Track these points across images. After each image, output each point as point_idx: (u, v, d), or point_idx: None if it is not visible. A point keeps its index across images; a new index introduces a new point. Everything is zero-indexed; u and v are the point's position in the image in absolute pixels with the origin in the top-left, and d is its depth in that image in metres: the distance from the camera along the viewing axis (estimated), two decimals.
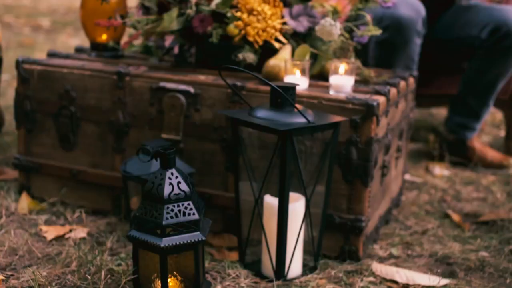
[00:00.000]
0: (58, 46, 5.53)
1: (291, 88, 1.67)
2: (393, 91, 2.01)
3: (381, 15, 2.45)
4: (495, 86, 2.76)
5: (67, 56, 2.32)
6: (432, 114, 3.84)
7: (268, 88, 1.88)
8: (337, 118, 1.73)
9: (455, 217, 2.32)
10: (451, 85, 2.98)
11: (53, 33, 6.36)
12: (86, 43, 2.67)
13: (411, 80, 2.29)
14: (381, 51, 2.53)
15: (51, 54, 2.35)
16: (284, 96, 1.65)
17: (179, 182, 1.55)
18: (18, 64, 2.22)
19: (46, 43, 5.65)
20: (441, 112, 3.82)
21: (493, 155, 2.88)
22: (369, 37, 2.17)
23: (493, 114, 3.78)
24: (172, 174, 1.55)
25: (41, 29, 6.54)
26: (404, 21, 2.46)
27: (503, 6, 2.72)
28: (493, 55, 2.67)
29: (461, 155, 2.91)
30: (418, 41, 2.55)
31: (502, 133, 3.42)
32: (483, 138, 3.35)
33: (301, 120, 1.66)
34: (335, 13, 2.19)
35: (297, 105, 1.68)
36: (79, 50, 2.45)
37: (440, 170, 2.83)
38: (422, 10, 2.53)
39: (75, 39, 5.95)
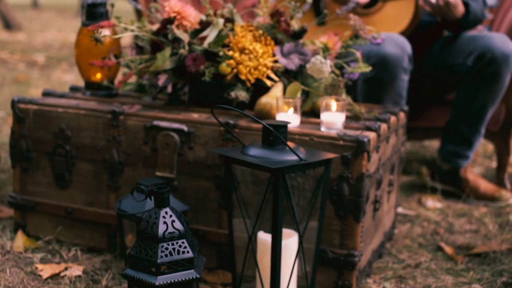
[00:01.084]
0: (53, 82, 5.57)
1: (283, 126, 1.70)
2: (384, 126, 2.04)
3: (367, 53, 2.49)
4: (485, 112, 2.79)
5: (62, 95, 2.35)
6: (424, 146, 3.87)
7: (260, 125, 1.91)
8: (329, 155, 1.76)
9: (448, 249, 2.34)
10: (442, 118, 3.02)
11: (48, 68, 6.40)
12: (80, 79, 2.70)
13: (402, 115, 2.32)
14: (369, 88, 2.56)
15: (46, 93, 2.38)
16: (276, 135, 1.68)
17: (173, 221, 1.57)
18: (14, 103, 2.25)
19: (41, 79, 5.69)
20: (433, 144, 3.85)
21: (486, 186, 2.91)
22: (361, 52, 2.20)
23: (485, 145, 3.82)
24: (166, 213, 1.58)
25: (36, 65, 6.59)
26: (390, 59, 2.50)
27: (487, 33, 2.77)
28: (480, 81, 2.71)
29: (454, 186, 2.94)
30: (405, 78, 2.58)
31: (494, 164, 3.45)
32: (475, 169, 3.38)
33: (293, 157, 1.68)
34: (325, 50, 2.23)
35: (289, 143, 1.71)
36: (73, 89, 2.48)
37: (432, 203, 2.85)
38: (407, 47, 2.57)
39: (70, 75, 6.00)
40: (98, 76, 2.33)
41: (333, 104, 1.93)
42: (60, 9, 15.31)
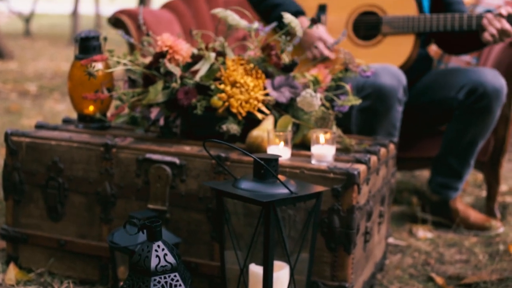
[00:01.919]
0: (45, 112, 5.59)
1: (274, 160, 1.72)
2: (374, 159, 2.07)
3: (362, 83, 2.53)
4: (475, 146, 2.83)
5: (55, 128, 2.37)
6: (415, 176, 3.90)
7: (251, 158, 1.93)
8: (319, 188, 1.78)
9: (439, 280, 2.36)
10: (433, 148, 3.05)
11: (40, 98, 6.42)
12: (72, 109, 2.72)
13: (392, 146, 2.35)
14: (363, 118, 2.59)
15: (39, 126, 2.40)
16: (267, 168, 1.70)
17: (165, 254, 1.59)
18: (7, 136, 2.26)
19: (33, 109, 5.70)
20: (424, 174, 3.88)
21: (475, 216, 2.93)
22: (351, 85, 2.23)
23: (475, 175, 3.85)
24: (158, 246, 1.59)
25: (28, 95, 6.61)
26: (385, 90, 2.53)
27: (479, 68, 2.81)
28: (471, 115, 2.74)
29: (444, 216, 2.96)
30: (399, 109, 2.62)
31: (484, 193, 3.47)
32: (465, 199, 3.40)
33: (284, 190, 1.70)
34: (316, 83, 2.26)
35: (280, 176, 1.73)
36: (66, 121, 2.50)
37: (423, 233, 2.87)
38: (403, 78, 2.60)
39: (62, 105, 6.02)
40: (91, 108, 2.35)
41: (323, 137, 1.96)
42: (52, 38, 15.35)
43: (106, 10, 22.24)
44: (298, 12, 2.74)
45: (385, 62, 2.69)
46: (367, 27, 2.79)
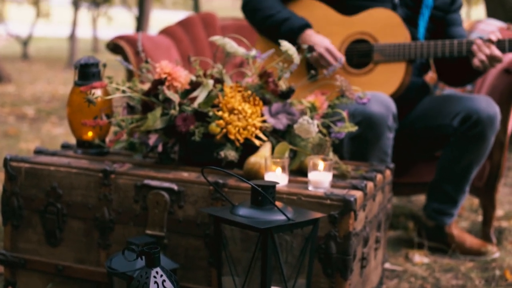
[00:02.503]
0: (42, 135, 5.61)
1: (271, 187, 1.74)
2: (370, 185, 2.09)
3: (353, 111, 2.55)
4: (469, 172, 2.85)
5: (53, 153, 2.38)
6: (411, 200, 3.91)
7: (249, 185, 1.95)
8: (316, 215, 1.79)
9: None
10: (429, 173, 3.07)
11: (38, 121, 6.44)
12: (70, 133, 2.73)
13: (388, 172, 2.37)
14: (355, 146, 2.61)
15: (38, 151, 2.42)
16: (264, 195, 1.72)
17: (163, 281, 1.60)
18: (6, 162, 2.28)
19: (30, 133, 5.72)
20: (420, 199, 3.90)
21: (471, 241, 2.95)
22: (347, 112, 2.27)
23: (471, 199, 3.87)
24: (157, 272, 1.60)
25: (26, 118, 6.63)
26: (375, 117, 2.56)
27: (473, 95, 2.83)
28: (465, 142, 2.77)
29: (440, 241, 2.98)
30: (390, 136, 2.64)
31: (480, 218, 3.49)
32: (461, 224, 3.42)
33: (282, 217, 1.72)
34: (313, 109, 2.29)
35: (277, 202, 1.75)
36: (65, 146, 2.52)
37: (419, 258, 2.88)
38: (392, 106, 2.62)
39: (59, 128, 6.04)
40: (90, 134, 2.37)
41: (320, 163, 1.98)
42: (50, 61, 15.40)
43: (103, 33, 22.31)
44: (306, 25, 2.79)
45: (377, 90, 2.71)
46: (359, 55, 2.82)
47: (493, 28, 3.39)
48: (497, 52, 2.61)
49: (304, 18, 2.83)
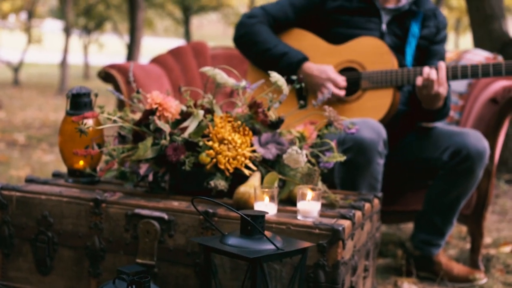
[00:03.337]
0: (33, 162, 5.61)
1: (260, 216, 1.77)
2: (358, 214, 2.12)
3: (343, 137, 2.58)
4: (457, 205, 2.88)
5: (45, 182, 2.40)
6: (400, 228, 3.94)
7: (238, 214, 1.97)
8: (305, 244, 1.82)
9: None
10: (417, 202, 3.10)
11: (29, 148, 6.45)
12: (60, 160, 2.73)
13: (376, 201, 2.40)
14: (345, 171, 2.64)
15: (29, 180, 2.43)
16: (253, 225, 1.74)
17: None
18: None
19: (21, 160, 5.73)
20: (409, 226, 3.92)
21: (459, 269, 2.97)
22: (336, 142, 2.31)
23: (459, 227, 3.89)
24: None
25: (16, 145, 6.63)
26: (365, 143, 2.59)
27: (462, 130, 2.87)
28: (454, 176, 2.80)
29: (428, 270, 2.99)
30: (380, 162, 2.67)
31: (468, 245, 3.51)
32: (449, 251, 3.44)
33: (271, 246, 1.74)
34: (302, 139, 2.32)
35: (267, 232, 1.77)
36: (56, 175, 2.54)
37: (408, 286, 2.90)
38: (382, 132, 2.66)
39: (50, 155, 6.04)
40: (81, 163, 2.39)
41: (309, 193, 2.00)
42: (41, 87, 15.44)
43: (95, 60, 22.39)
44: (304, 59, 2.86)
45: (366, 116, 2.76)
46: (348, 82, 2.86)
47: (480, 58, 3.45)
48: (434, 76, 2.68)
49: (300, 51, 2.88)
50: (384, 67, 2.81)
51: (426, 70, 2.70)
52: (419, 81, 2.70)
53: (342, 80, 2.81)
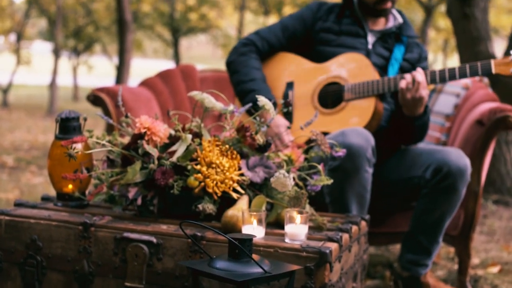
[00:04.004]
0: (21, 185, 5.61)
1: (248, 240, 1.78)
2: (345, 236, 2.13)
3: (332, 143, 2.61)
4: (442, 223, 2.90)
5: (33, 206, 2.41)
6: (388, 249, 3.96)
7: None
8: (292, 267, 1.83)
9: None
10: (405, 223, 3.12)
11: (17, 170, 6.45)
12: (49, 182, 2.73)
13: (363, 224, 2.42)
14: (334, 178, 2.66)
15: (18, 204, 2.44)
16: (241, 248, 1.76)
17: None
18: None
19: (9, 182, 5.72)
20: (397, 248, 3.94)
21: None
22: (323, 165, 2.33)
23: (447, 248, 3.92)
24: None
25: (5, 167, 6.63)
26: (354, 149, 2.61)
27: (443, 148, 2.91)
28: (437, 194, 2.83)
29: None
30: (369, 170, 2.69)
31: (456, 266, 3.53)
32: (438, 272, 3.46)
33: (258, 270, 1.76)
34: (289, 163, 2.34)
35: (254, 255, 1.79)
36: (45, 199, 2.54)
37: None
38: (371, 139, 2.69)
39: (39, 178, 6.04)
40: (70, 187, 2.40)
41: (297, 216, 2.02)
42: (30, 109, 15.44)
43: (84, 81, 22.40)
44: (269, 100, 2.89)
45: (350, 125, 2.81)
46: (332, 96, 2.93)
47: (465, 79, 3.49)
48: (420, 78, 2.74)
49: (270, 92, 2.95)
50: (366, 79, 2.87)
51: (409, 74, 2.76)
52: (403, 83, 2.75)
53: (288, 140, 2.81)
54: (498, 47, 9.17)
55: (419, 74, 2.76)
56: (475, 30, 5.21)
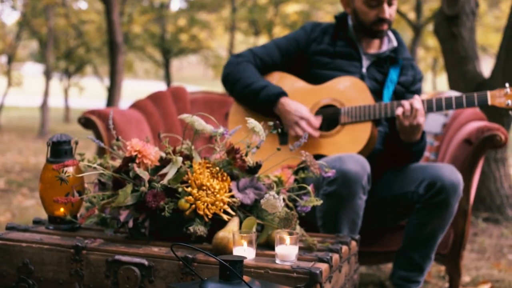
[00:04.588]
0: (13, 207, 5.60)
1: (239, 261, 1.80)
2: (336, 257, 2.15)
3: (322, 165, 2.63)
4: (435, 239, 2.92)
5: (25, 229, 2.42)
6: (380, 268, 3.97)
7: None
8: None
9: None
10: (396, 242, 3.14)
11: (9, 193, 6.43)
12: (41, 205, 2.74)
13: (353, 244, 2.44)
14: (328, 203, 2.68)
15: (9, 227, 2.45)
16: (232, 270, 1.77)
17: None
18: None
19: (1, 205, 5.71)
20: (388, 267, 3.95)
21: None
22: (318, 189, 2.35)
23: (437, 266, 3.93)
24: None
25: None
26: (350, 175, 2.64)
27: (437, 164, 2.93)
28: (430, 209, 2.85)
29: None
30: (363, 196, 2.71)
31: (447, 285, 3.55)
32: None
33: None
34: (279, 184, 2.36)
35: (245, 277, 1.80)
36: (37, 222, 2.55)
37: None
38: (367, 166, 2.71)
39: (31, 200, 6.03)
40: (62, 210, 2.41)
41: (287, 237, 2.04)
42: (21, 130, 15.43)
43: (75, 102, 22.40)
44: (282, 93, 2.97)
45: (345, 149, 2.83)
46: (328, 119, 2.94)
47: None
48: (418, 105, 2.77)
49: (280, 86, 2.97)
50: (362, 103, 2.89)
51: (407, 101, 2.78)
52: (400, 111, 2.78)
53: (315, 121, 2.88)
54: (486, 65, 9.25)
55: (417, 101, 2.79)
56: (462, 49, 5.27)
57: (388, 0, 3.01)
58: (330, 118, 2.96)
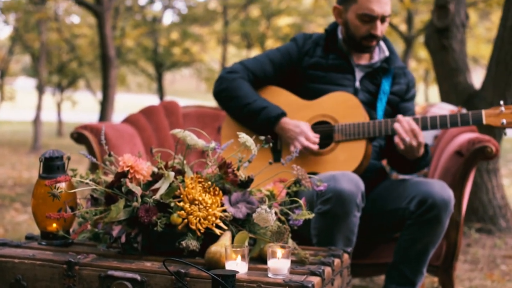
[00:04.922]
0: (5, 223, 5.59)
1: (231, 276, 1.81)
2: (328, 270, 2.16)
3: (314, 178, 2.64)
4: (426, 254, 2.93)
5: (17, 245, 2.42)
6: (373, 280, 3.97)
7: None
8: None
9: None
10: (389, 254, 3.14)
11: (1, 208, 6.43)
12: (33, 220, 2.74)
13: (345, 256, 2.44)
14: (322, 222, 2.69)
15: (2, 243, 2.45)
16: (224, 284, 1.78)
17: None
18: None
19: None
20: (382, 279, 3.96)
21: None
22: (311, 205, 2.36)
23: (430, 278, 3.94)
24: None
25: None
26: (345, 194, 2.64)
27: (427, 180, 2.94)
28: (421, 225, 2.86)
29: None
30: (357, 214, 2.72)
31: None
32: None
33: None
34: (271, 197, 2.37)
35: None
36: (29, 237, 2.55)
37: None
38: (361, 184, 2.72)
39: (23, 215, 6.03)
40: (54, 226, 2.41)
41: (279, 251, 2.05)
42: (14, 145, 15.40)
43: (68, 116, 22.38)
44: (282, 114, 2.97)
45: (340, 167, 2.83)
46: (321, 136, 2.94)
47: (445, 111, 3.55)
48: (415, 126, 2.78)
49: (279, 106, 2.97)
50: (356, 120, 2.89)
51: (399, 125, 2.79)
52: (397, 139, 2.80)
53: (314, 136, 2.89)
54: (478, 76, 9.30)
55: (411, 122, 2.79)
56: (453, 61, 5.30)
57: (382, 17, 3.00)
58: (324, 135, 2.96)
